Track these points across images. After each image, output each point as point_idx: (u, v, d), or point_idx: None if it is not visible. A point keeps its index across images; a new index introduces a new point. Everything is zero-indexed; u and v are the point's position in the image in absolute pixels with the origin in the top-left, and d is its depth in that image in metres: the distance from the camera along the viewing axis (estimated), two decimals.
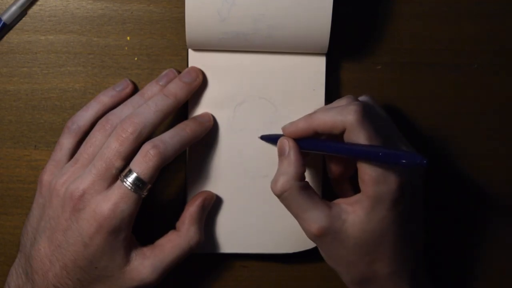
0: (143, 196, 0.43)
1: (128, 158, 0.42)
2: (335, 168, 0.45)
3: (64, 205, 0.42)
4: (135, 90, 0.48)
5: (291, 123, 0.44)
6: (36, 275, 0.43)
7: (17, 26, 0.48)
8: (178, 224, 0.46)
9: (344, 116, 0.41)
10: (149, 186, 0.42)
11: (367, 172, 0.41)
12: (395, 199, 0.41)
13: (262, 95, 0.48)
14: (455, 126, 0.51)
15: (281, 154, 0.44)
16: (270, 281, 0.51)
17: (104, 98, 0.46)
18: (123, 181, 0.42)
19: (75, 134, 0.45)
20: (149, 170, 0.42)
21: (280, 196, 0.43)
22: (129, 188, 0.42)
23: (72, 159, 0.44)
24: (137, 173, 0.42)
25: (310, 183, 0.45)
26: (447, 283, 0.53)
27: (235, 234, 0.48)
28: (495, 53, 0.50)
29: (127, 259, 0.43)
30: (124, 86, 0.47)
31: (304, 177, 0.43)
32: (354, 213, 0.42)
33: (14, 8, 0.47)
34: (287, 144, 0.44)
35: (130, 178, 0.42)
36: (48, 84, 0.48)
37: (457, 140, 0.51)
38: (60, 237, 0.42)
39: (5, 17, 0.47)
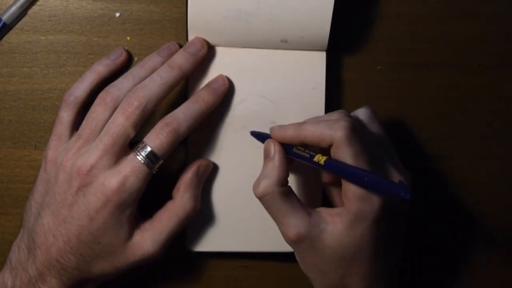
0: (153, 172, 0.43)
1: (135, 132, 0.42)
2: (326, 176, 0.45)
3: (71, 180, 0.42)
4: (130, 59, 0.48)
5: (280, 127, 0.44)
6: (38, 250, 0.43)
7: (17, 26, 0.48)
8: (174, 192, 0.46)
9: (333, 131, 0.41)
10: (161, 162, 0.43)
11: (350, 189, 0.40)
12: (377, 219, 0.41)
13: (262, 93, 0.48)
14: (455, 126, 0.51)
15: (266, 156, 0.44)
16: (270, 281, 0.51)
17: (99, 67, 0.46)
18: (136, 155, 0.42)
19: (73, 106, 0.45)
20: (163, 146, 0.42)
21: (261, 199, 0.43)
22: (142, 161, 0.42)
23: (76, 135, 0.44)
24: (151, 147, 0.42)
25: (309, 188, 0.45)
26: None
27: (235, 233, 0.48)
28: (495, 53, 0.50)
29: (130, 235, 0.43)
30: (118, 55, 0.47)
31: (287, 182, 0.43)
32: (334, 225, 0.41)
33: (14, 8, 0.47)
34: (273, 148, 0.43)
35: (144, 152, 0.42)
36: (48, 84, 0.48)
37: (456, 140, 0.51)
38: (65, 212, 0.42)
39: (5, 17, 0.47)
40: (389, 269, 0.45)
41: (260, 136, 0.47)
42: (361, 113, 0.45)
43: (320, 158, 0.41)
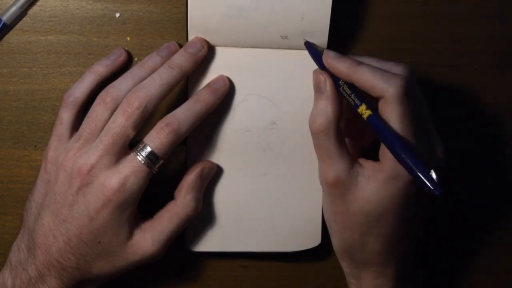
0: (154, 172, 0.43)
1: (135, 132, 0.42)
2: (351, 132, 0.45)
3: (71, 180, 0.42)
4: (130, 59, 0.48)
5: (336, 58, 0.43)
6: (38, 250, 0.43)
7: (17, 26, 0.48)
8: (176, 193, 0.46)
9: (388, 85, 0.40)
10: (161, 162, 0.43)
11: None
12: (410, 181, 0.41)
13: (262, 93, 0.48)
14: (455, 126, 0.51)
15: (317, 90, 0.44)
16: (270, 281, 0.51)
17: (99, 68, 0.46)
18: (136, 155, 0.42)
19: (73, 107, 0.45)
20: (163, 146, 0.42)
21: (316, 135, 0.43)
22: (142, 161, 0.42)
23: (76, 135, 0.44)
24: (151, 147, 0.42)
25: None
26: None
27: (235, 233, 0.48)
28: (495, 53, 0.50)
29: (130, 234, 0.43)
30: (118, 55, 0.47)
31: (340, 119, 0.43)
32: (367, 180, 0.42)
33: (14, 8, 0.47)
34: (325, 82, 0.43)
35: (144, 152, 0.42)
36: (48, 84, 0.48)
37: (457, 140, 0.51)
38: (65, 212, 0.42)
39: (5, 17, 0.47)
40: (410, 236, 0.45)
41: (313, 52, 0.45)
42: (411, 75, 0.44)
43: (364, 111, 0.40)
